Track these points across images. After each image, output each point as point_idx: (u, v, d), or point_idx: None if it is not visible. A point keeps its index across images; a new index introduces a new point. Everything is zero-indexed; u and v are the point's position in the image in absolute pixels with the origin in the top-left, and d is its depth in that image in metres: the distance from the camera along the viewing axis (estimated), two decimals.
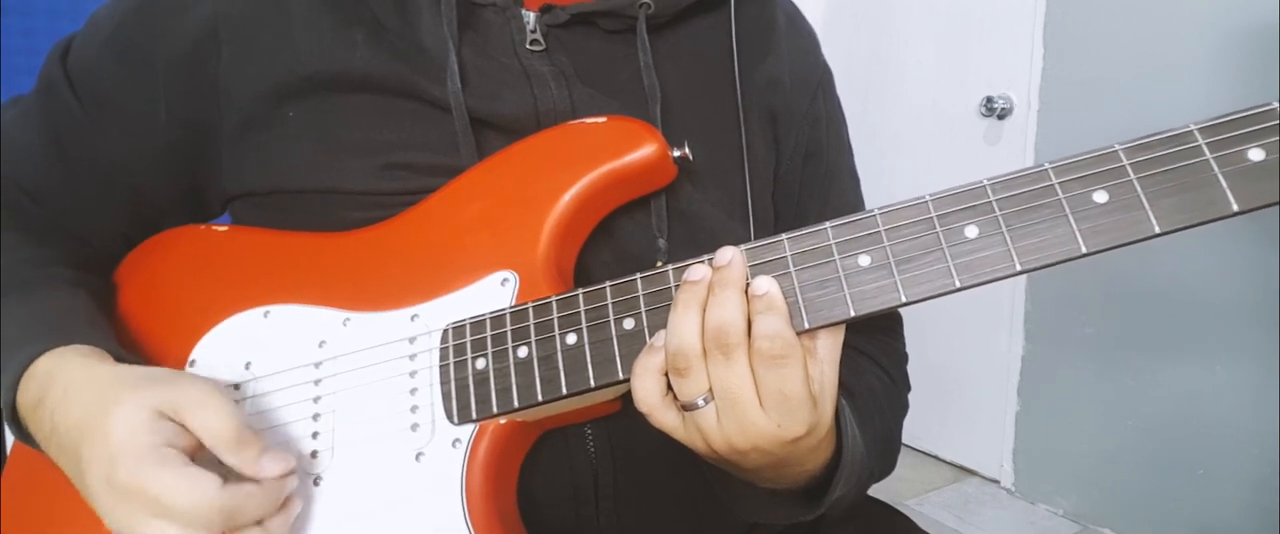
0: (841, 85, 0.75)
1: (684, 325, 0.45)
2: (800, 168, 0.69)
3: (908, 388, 0.70)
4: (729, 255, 0.46)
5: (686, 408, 0.46)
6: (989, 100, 2.09)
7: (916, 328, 0.73)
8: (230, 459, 0.47)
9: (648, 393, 0.46)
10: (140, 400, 0.46)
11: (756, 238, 0.62)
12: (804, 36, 0.73)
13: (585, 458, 0.58)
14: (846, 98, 0.75)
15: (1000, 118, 2.09)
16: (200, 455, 0.47)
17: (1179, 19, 1.72)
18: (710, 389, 0.45)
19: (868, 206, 0.73)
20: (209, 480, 0.45)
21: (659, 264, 0.58)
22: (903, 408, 0.69)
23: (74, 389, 0.49)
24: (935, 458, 2.38)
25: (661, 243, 0.59)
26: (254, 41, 0.59)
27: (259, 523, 0.47)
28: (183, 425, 0.47)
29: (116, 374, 0.50)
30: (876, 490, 0.70)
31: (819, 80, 0.72)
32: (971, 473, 2.29)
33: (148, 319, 0.61)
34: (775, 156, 0.67)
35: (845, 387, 0.58)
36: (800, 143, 0.68)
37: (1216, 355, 1.72)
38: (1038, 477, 2.11)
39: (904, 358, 0.71)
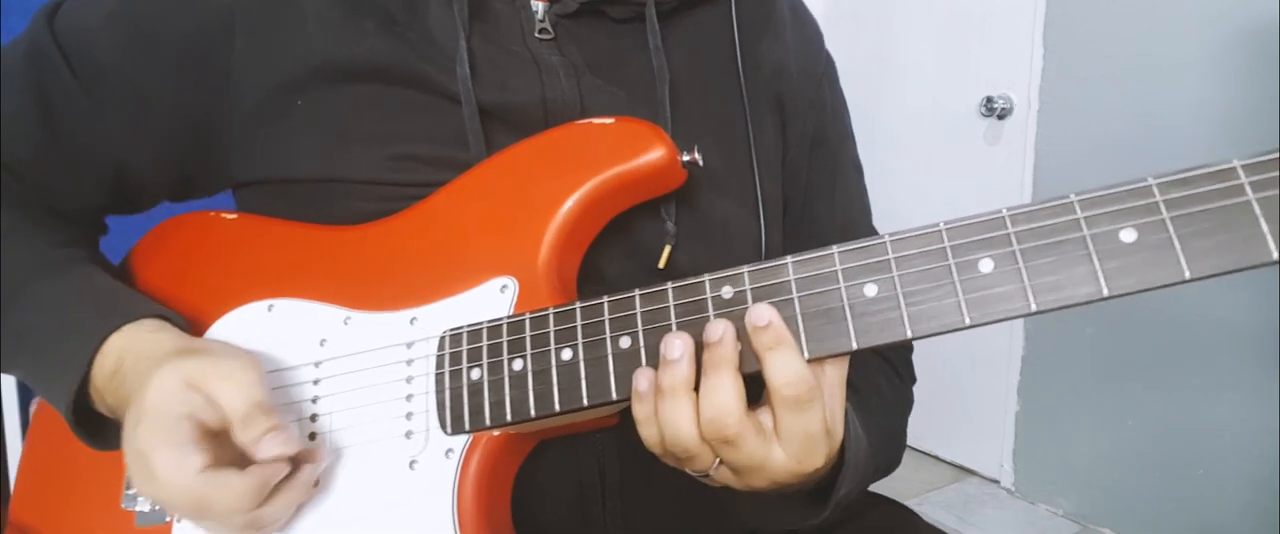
0: (841, 85, 0.75)
1: (678, 420, 0.43)
2: (807, 155, 0.69)
3: (913, 380, 0.70)
4: (719, 332, 0.42)
5: (699, 476, 0.46)
6: (989, 100, 2.08)
7: None
8: (237, 435, 0.48)
9: (654, 442, 0.45)
10: (176, 368, 0.49)
11: (766, 226, 0.63)
12: (808, 26, 0.73)
13: (593, 456, 0.58)
14: (846, 97, 0.75)
15: (1000, 118, 2.09)
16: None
17: (1179, 19, 1.72)
18: (719, 460, 0.44)
19: (870, 202, 0.73)
20: (191, 463, 0.46)
21: (667, 250, 0.57)
22: (908, 404, 0.68)
23: (145, 360, 0.51)
24: (935, 458, 2.38)
25: (670, 226, 0.58)
26: (267, 32, 0.59)
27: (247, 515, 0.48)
28: (210, 397, 0.48)
29: (171, 344, 0.52)
30: (879, 488, 0.70)
31: (824, 70, 0.72)
32: (971, 473, 2.29)
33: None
34: (783, 143, 0.67)
35: (850, 384, 0.58)
36: (807, 130, 0.68)
37: (1216, 355, 1.72)
38: (1038, 477, 2.11)
39: (909, 348, 0.71)
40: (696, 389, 0.43)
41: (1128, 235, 0.38)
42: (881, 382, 0.65)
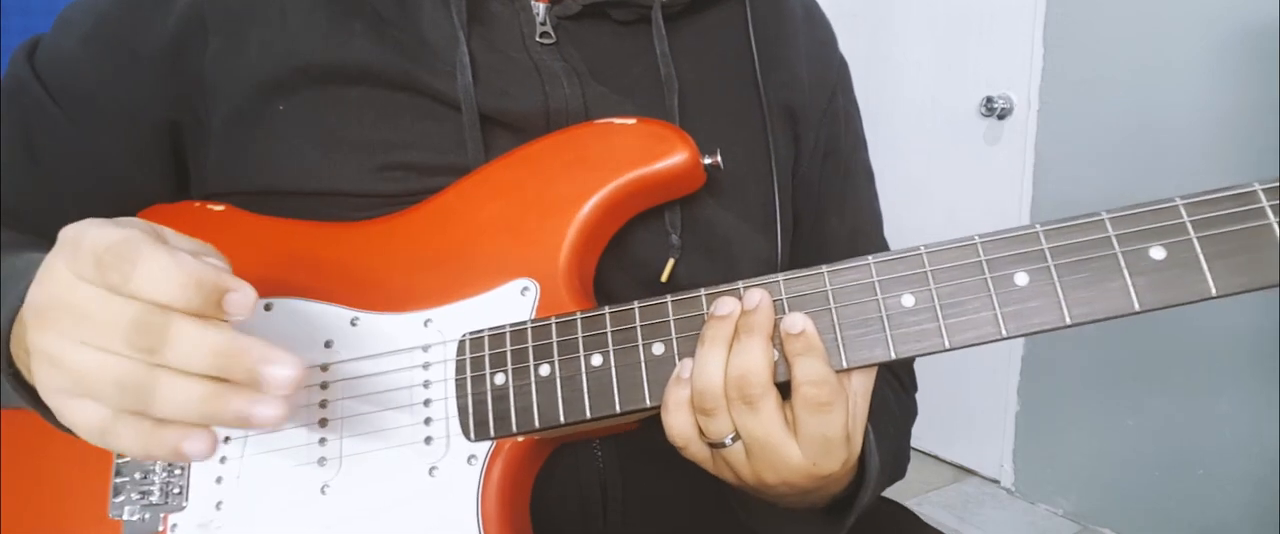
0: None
1: (709, 364, 0.43)
2: (820, 167, 0.66)
3: (916, 388, 0.69)
4: (757, 298, 0.44)
5: (714, 446, 0.45)
6: (989, 100, 2.08)
7: None
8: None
9: (683, 427, 0.45)
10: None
11: (778, 240, 0.61)
12: (821, 30, 0.70)
13: (594, 472, 0.57)
14: None
15: (1000, 118, 2.09)
16: None
17: (1179, 19, 1.72)
18: (736, 431, 0.44)
19: (882, 209, 0.72)
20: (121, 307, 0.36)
21: (671, 263, 0.56)
22: (913, 414, 0.68)
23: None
24: (935, 458, 2.37)
25: (675, 239, 0.57)
26: (244, 31, 0.56)
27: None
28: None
29: None
30: None
31: (837, 76, 0.69)
32: (971, 473, 2.29)
33: None
34: (794, 155, 0.65)
35: None
36: (820, 141, 0.66)
37: (1217, 356, 1.72)
38: (1038, 477, 2.11)
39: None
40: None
41: (1157, 253, 0.39)
42: (889, 396, 0.63)
